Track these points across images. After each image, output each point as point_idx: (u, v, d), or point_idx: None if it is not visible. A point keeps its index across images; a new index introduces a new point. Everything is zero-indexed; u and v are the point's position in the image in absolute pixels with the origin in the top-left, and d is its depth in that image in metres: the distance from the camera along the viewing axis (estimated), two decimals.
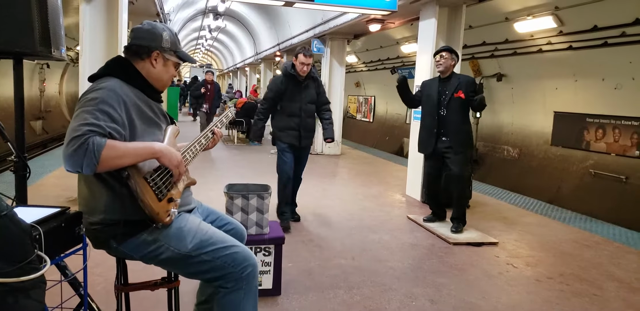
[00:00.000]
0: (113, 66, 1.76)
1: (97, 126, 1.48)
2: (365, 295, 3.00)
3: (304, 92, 4.35)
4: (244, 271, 1.79)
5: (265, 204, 2.83)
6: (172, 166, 1.66)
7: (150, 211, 1.61)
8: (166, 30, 1.82)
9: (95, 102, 1.55)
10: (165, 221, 1.68)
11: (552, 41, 7.78)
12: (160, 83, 1.86)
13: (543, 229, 4.75)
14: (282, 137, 4.34)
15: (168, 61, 1.84)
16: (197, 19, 19.51)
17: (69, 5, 10.09)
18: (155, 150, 1.61)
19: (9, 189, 4.29)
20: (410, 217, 4.93)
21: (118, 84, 1.67)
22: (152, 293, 2.19)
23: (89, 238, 1.76)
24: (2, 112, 11.92)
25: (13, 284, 1.15)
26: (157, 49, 1.79)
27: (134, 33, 1.80)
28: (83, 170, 1.45)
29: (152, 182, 1.63)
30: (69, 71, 17.40)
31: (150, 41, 1.78)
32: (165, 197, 1.69)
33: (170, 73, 1.87)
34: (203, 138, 2.00)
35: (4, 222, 1.16)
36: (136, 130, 1.67)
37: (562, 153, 8.61)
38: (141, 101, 1.74)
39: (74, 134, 1.45)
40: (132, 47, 1.79)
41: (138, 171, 1.61)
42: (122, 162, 1.53)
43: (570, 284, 3.33)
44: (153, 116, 1.79)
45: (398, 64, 13.30)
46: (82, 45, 4.72)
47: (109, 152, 1.46)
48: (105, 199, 1.66)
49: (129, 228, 1.68)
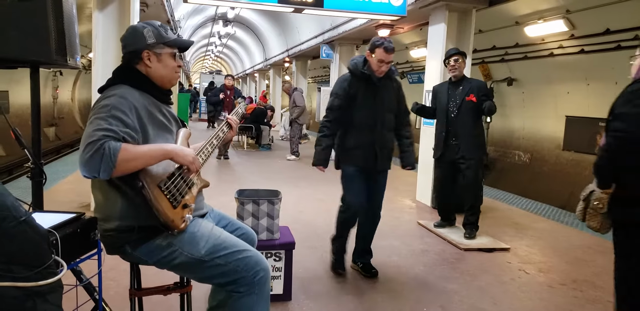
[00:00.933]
0: (119, 75, 1.79)
1: (111, 131, 1.52)
2: (376, 301, 2.99)
3: (381, 97, 3.30)
4: (256, 276, 1.80)
5: (276, 210, 2.85)
6: (187, 162, 1.69)
7: (165, 219, 1.63)
8: (147, 27, 1.79)
9: (108, 108, 1.59)
10: (181, 227, 1.70)
11: (563, 45, 7.74)
12: (165, 80, 1.84)
13: (555, 235, 4.70)
14: (350, 158, 3.32)
15: (161, 55, 1.80)
16: (207, 26, 19.71)
17: (81, 14, 10.27)
18: (168, 150, 1.64)
19: (24, 195, 4.35)
20: (420, 223, 4.91)
21: (128, 91, 1.70)
22: (164, 298, 2.21)
23: (104, 243, 1.79)
24: (17, 119, 12.10)
25: (31, 288, 1.17)
26: (145, 48, 1.78)
27: (122, 42, 1.82)
28: (100, 175, 1.48)
29: (166, 190, 1.66)
30: (81, 78, 17.63)
31: (134, 44, 1.78)
32: (180, 204, 1.71)
33: (170, 65, 1.83)
34: (215, 139, 2.02)
35: (23, 227, 1.18)
36: (148, 134, 1.70)
37: (574, 158, 8.52)
38: (151, 105, 1.77)
39: (89, 140, 1.48)
40: (125, 57, 1.81)
41: (152, 180, 1.63)
42: (137, 164, 1.56)
43: (584, 290, 3.29)
44: (164, 120, 1.81)
45: (407, 69, 13.29)
46: (94, 52, 4.79)
47: (125, 155, 1.50)
48: (120, 207, 1.68)
49: (143, 234, 1.71)
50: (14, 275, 1.15)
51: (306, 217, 5.01)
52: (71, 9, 2.30)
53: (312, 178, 7.58)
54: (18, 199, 1.25)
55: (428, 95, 5.95)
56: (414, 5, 5.91)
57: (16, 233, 1.16)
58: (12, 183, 6.54)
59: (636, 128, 1.79)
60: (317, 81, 22.24)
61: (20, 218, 1.18)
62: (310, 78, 21.87)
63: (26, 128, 2.40)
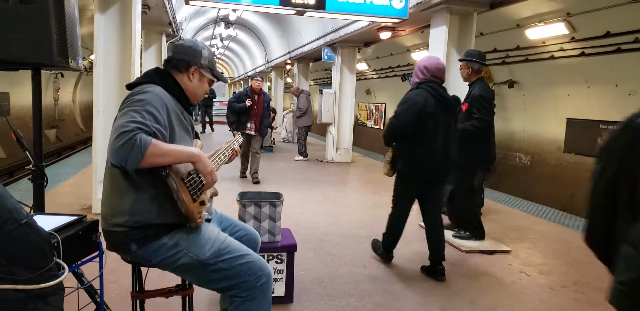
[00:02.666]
0: (154, 76, 1.87)
1: (144, 124, 1.57)
2: (378, 303, 2.99)
3: None
4: (258, 281, 1.80)
5: (278, 212, 2.85)
6: (206, 172, 1.72)
7: (186, 209, 1.68)
8: (205, 49, 1.95)
9: (143, 103, 1.65)
10: (198, 221, 1.73)
11: (564, 48, 7.74)
12: (194, 97, 1.95)
13: (556, 237, 4.69)
14: None
15: (204, 77, 1.94)
16: (209, 28, 19.74)
17: (83, 16, 10.29)
18: (194, 154, 1.68)
19: (25, 197, 4.35)
20: (421, 224, 4.89)
21: (162, 91, 1.78)
22: (166, 300, 2.20)
23: (108, 241, 1.78)
24: (18, 121, 12.12)
25: (33, 291, 1.17)
26: (196, 65, 1.91)
27: (176, 48, 1.93)
28: (127, 164, 1.53)
29: (188, 183, 1.71)
30: (82, 80, 17.67)
31: (190, 57, 1.90)
32: (199, 198, 1.75)
33: (204, 88, 1.97)
34: (222, 155, 2.10)
35: (24, 230, 1.18)
36: (175, 134, 1.77)
37: (575, 160, 8.52)
38: (178, 109, 1.85)
39: (122, 130, 1.53)
40: (173, 61, 1.91)
41: (175, 172, 1.68)
42: (163, 160, 1.61)
43: (585, 293, 3.28)
44: (185, 122, 1.89)
45: (409, 71, 13.30)
46: (96, 54, 4.78)
47: (154, 150, 1.54)
48: (131, 201, 1.70)
49: (151, 231, 1.71)
50: (16, 277, 1.15)
51: (308, 219, 5.01)
52: (73, 11, 2.31)
53: (313, 180, 7.59)
54: (19, 202, 1.25)
55: None
56: (415, 8, 5.92)
57: (18, 236, 1.16)
58: (13, 185, 6.56)
59: (400, 119, 3.32)
60: (319, 83, 22.26)
61: (22, 220, 1.18)
62: (312, 80, 21.89)
63: (27, 130, 2.41)
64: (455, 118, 3.56)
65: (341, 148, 10.09)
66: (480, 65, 4.18)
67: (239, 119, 6.86)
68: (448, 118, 3.42)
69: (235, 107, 6.81)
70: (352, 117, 10.24)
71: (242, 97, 6.87)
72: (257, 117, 6.87)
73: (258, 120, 6.87)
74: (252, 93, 6.91)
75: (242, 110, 6.79)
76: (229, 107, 6.89)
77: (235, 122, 6.89)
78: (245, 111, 6.80)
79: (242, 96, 6.89)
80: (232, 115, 6.89)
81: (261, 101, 6.93)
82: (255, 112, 6.85)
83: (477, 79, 4.21)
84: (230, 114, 6.92)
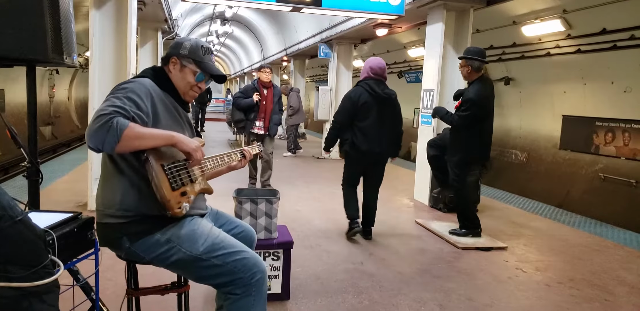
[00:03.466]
0: (147, 71, 1.92)
1: (123, 109, 1.59)
2: (374, 300, 2.99)
3: None
4: (253, 277, 1.79)
5: (274, 209, 2.84)
6: (189, 149, 1.70)
7: (161, 196, 1.65)
8: (190, 41, 1.94)
9: (125, 91, 1.67)
10: (175, 211, 1.70)
11: (560, 45, 7.76)
12: (179, 90, 1.92)
13: (552, 234, 4.71)
14: None
15: (185, 68, 1.90)
16: (205, 25, 19.67)
17: (78, 12, 10.23)
18: (173, 135, 1.68)
19: (20, 194, 4.33)
20: (418, 221, 4.91)
21: (150, 82, 1.80)
22: (162, 298, 2.20)
23: (101, 235, 1.78)
24: (12, 118, 12.06)
25: (28, 288, 1.16)
26: (174, 55, 1.90)
27: None
28: (104, 147, 1.53)
29: (168, 170, 1.69)
30: (78, 77, 17.58)
31: (172, 49, 1.93)
32: (179, 188, 1.72)
33: (187, 80, 1.90)
34: (226, 156, 2.06)
35: (19, 227, 1.18)
36: (160, 123, 1.76)
37: (571, 157, 8.56)
38: (168, 101, 1.85)
39: (100, 113, 1.54)
40: (163, 58, 1.95)
41: (158, 157, 1.67)
42: (141, 143, 1.60)
43: (581, 289, 3.30)
44: (178, 117, 1.89)
45: (405, 68, 13.31)
46: (91, 51, 4.75)
47: (130, 132, 1.54)
48: (120, 188, 1.70)
49: (142, 226, 1.71)
50: (10, 275, 1.14)
51: (304, 216, 5.01)
52: (68, 7, 2.28)
53: (309, 177, 7.59)
54: (14, 199, 1.24)
55: (426, 94, 5.96)
56: (411, 5, 5.91)
57: (12, 233, 1.16)
58: (8, 182, 6.52)
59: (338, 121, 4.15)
60: (315, 80, 22.24)
61: (16, 217, 1.17)
62: (309, 77, 21.87)
63: (22, 127, 2.39)
64: (393, 109, 4.16)
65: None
66: (480, 63, 4.09)
67: (246, 116, 5.95)
68: (384, 109, 4.08)
69: (241, 103, 5.90)
70: None
71: (249, 91, 5.96)
72: (266, 114, 5.94)
73: (267, 117, 5.95)
74: (261, 86, 5.96)
75: (250, 106, 5.87)
76: (234, 103, 6.02)
77: (241, 120, 5.98)
78: (253, 107, 5.88)
79: (249, 90, 5.98)
80: (237, 112, 6.00)
81: (271, 95, 6.00)
82: (265, 108, 5.93)
83: (478, 78, 4.13)
84: (235, 112, 6.04)
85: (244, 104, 5.89)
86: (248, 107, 5.89)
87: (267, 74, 5.94)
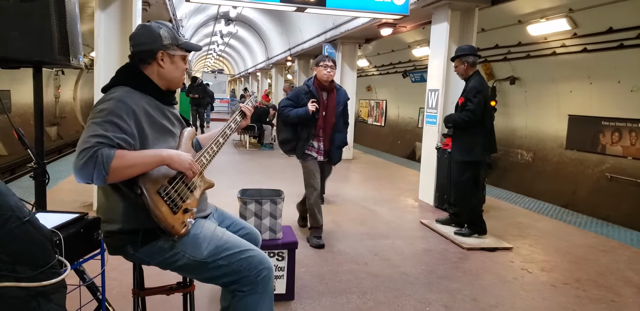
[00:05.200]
0: (122, 75, 1.79)
1: (106, 137, 1.51)
2: (379, 301, 2.99)
3: None
4: (259, 275, 1.80)
5: (279, 209, 2.85)
6: (183, 169, 1.67)
7: (165, 225, 1.63)
8: (162, 28, 1.80)
9: (104, 113, 1.58)
10: (181, 233, 1.69)
11: (566, 44, 7.71)
12: (174, 82, 1.86)
13: (558, 234, 4.69)
14: None
15: (174, 57, 1.81)
16: (209, 25, 19.71)
17: (83, 13, 10.27)
18: (163, 157, 1.63)
19: (27, 195, 4.36)
20: (423, 222, 4.90)
21: (128, 94, 1.69)
22: (167, 298, 2.21)
23: (107, 244, 1.79)
24: (19, 119, 12.14)
25: (36, 288, 1.17)
26: (160, 49, 1.77)
27: (132, 40, 1.80)
28: (94, 181, 1.49)
29: (165, 196, 1.65)
30: (83, 77, 17.66)
31: (151, 44, 1.77)
32: (180, 209, 1.70)
33: (181, 68, 1.85)
34: (221, 137, 1.98)
35: (26, 228, 1.18)
36: (147, 139, 1.68)
37: (577, 157, 8.51)
38: (153, 108, 1.75)
39: (83, 147, 1.48)
40: (137, 55, 1.79)
41: (152, 185, 1.62)
42: (132, 171, 1.55)
43: (587, 290, 3.28)
44: (167, 123, 1.80)
45: (410, 67, 13.28)
46: (96, 52, 4.78)
47: (118, 162, 1.49)
48: (122, 210, 1.69)
49: (145, 237, 1.70)
50: (18, 275, 1.15)
51: None
52: (74, 8, 2.30)
53: None
54: (21, 200, 1.25)
55: (431, 94, 5.95)
56: (416, 4, 5.90)
57: (20, 233, 1.16)
58: (15, 182, 6.56)
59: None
60: None
61: (24, 218, 1.18)
62: None
63: (28, 127, 2.41)
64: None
65: None
66: (474, 57, 4.21)
67: (297, 134, 4.07)
68: None
69: (289, 115, 3.98)
70: (353, 114, 10.22)
71: (301, 96, 4.03)
72: (325, 131, 4.10)
73: (327, 136, 4.11)
74: (318, 89, 4.05)
75: (303, 119, 3.96)
76: (280, 116, 4.10)
77: (289, 140, 4.11)
78: (308, 120, 3.98)
79: (300, 96, 4.04)
80: (285, 129, 4.11)
81: (334, 102, 4.09)
82: (325, 121, 4.07)
83: (474, 73, 4.22)
84: (282, 128, 4.14)
85: (295, 116, 3.94)
86: (300, 121, 3.97)
87: (328, 70, 3.99)
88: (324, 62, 4.01)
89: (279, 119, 4.15)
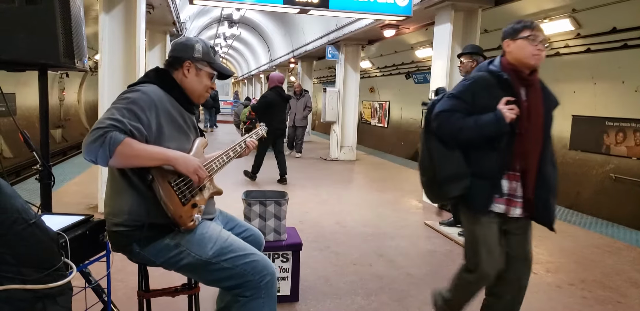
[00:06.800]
0: (152, 75, 1.87)
1: (120, 122, 1.56)
2: (383, 302, 2.98)
3: None
4: (262, 280, 1.80)
5: (283, 211, 2.85)
6: (188, 172, 1.69)
7: (173, 213, 1.66)
8: (199, 43, 1.90)
9: (127, 101, 1.65)
10: (188, 225, 1.71)
11: (569, 44, 7.69)
12: (195, 94, 1.90)
13: (563, 235, 4.67)
14: None
15: (201, 71, 1.88)
16: (212, 27, 19.75)
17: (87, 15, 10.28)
18: (169, 157, 1.65)
19: (32, 197, 4.37)
20: (427, 223, 4.89)
21: (156, 90, 1.76)
22: (172, 300, 2.21)
23: (111, 241, 1.80)
24: (24, 122, 12.20)
25: (42, 290, 1.17)
26: (189, 59, 1.86)
27: (171, 46, 1.92)
28: (97, 161, 1.54)
29: (175, 186, 1.68)
30: (87, 80, 17.74)
31: (182, 52, 1.87)
32: (189, 202, 1.73)
33: (204, 83, 1.90)
34: (232, 151, 2.04)
35: (32, 230, 1.19)
36: (163, 135, 1.72)
37: (581, 157, 8.47)
38: (174, 108, 1.81)
39: (97, 126, 1.54)
40: (169, 59, 1.90)
41: (163, 175, 1.66)
42: (135, 162, 1.59)
43: (593, 291, 3.27)
44: (183, 124, 1.85)
45: (413, 69, 13.26)
46: (101, 54, 4.80)
47: (124, 149, 1.53)
48: (130, 200, 1.70)
49: (152, 232, 1.71)
50: (24, 277, 1.15)
51: (313, 218, 5.01)
52: (79, 11, 2.31)
53: (318, 179, 7.60)
54: (27, 202, 1.25)
55: (434, 95, 5.94)
56: (419, 6, 5.90)
57: (26, 236, 1.17)
58: (20, 184, 6.59)
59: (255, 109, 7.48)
60: (322, 82, 22.24)
61: (30, 220, 1.18)
62: (316, 79, 21.87)
63: (33, 130, 2.42)
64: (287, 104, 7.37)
65: (345, 146, 10.08)
66: (483, 58, 4.19)
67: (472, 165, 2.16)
68: (284, 104, 7.19)
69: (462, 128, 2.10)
70: (356, 116, 10.22)
71: (481, 92, 2.15)
72: (529, 158, 2.14)
73: (532, 167, 2.16)
74: (518, 81, 2.22)
75: (489, 135, 2.09)
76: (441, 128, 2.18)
77: (461, 175, 2.16)
78: (499, 137, 2.10)
79: (477, 91, 2.16)
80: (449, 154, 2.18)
81: (539, 104, 2.20)
82: (527, 140, 2.11)
83: None
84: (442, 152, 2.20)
85: (474, 131, 2.10)
86: (482, 139, 2.11)
87: (539, 47, 2.21)
88: (532, 32, 2.17)
89: (431, 135, 2.23)
